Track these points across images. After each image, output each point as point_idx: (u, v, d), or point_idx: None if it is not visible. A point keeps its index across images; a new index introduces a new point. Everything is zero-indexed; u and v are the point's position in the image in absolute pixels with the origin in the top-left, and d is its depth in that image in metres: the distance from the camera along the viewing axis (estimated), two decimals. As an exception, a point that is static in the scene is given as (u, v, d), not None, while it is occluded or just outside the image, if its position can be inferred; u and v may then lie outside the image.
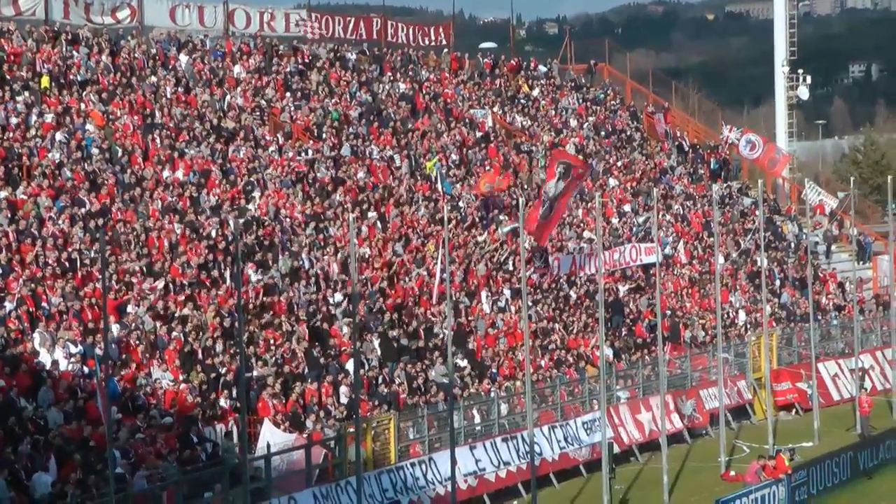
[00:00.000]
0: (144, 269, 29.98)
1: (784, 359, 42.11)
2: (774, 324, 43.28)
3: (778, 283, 47.96)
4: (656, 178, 51.65)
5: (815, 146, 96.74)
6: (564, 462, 32.83)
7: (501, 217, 42.14)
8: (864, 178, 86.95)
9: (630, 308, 41.18)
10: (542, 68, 57.07)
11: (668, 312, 41.23)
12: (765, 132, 65.05)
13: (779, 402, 40.39)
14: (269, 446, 25.94)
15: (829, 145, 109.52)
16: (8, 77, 35.22)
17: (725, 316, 42.40)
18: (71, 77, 37.07)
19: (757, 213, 44.39)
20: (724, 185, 54.46)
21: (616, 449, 33.04)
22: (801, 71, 61.33)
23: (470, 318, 35.83)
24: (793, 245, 51.87)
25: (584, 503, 30.78)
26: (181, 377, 27.29)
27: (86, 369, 25.81)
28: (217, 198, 34.97)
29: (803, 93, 61.22)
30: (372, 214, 38.34)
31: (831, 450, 33.06)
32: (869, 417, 37.11)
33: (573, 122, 53.37)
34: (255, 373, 28.46)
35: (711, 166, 55.99)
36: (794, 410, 41.11)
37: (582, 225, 44.78)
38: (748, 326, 43.42)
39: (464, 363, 33.52)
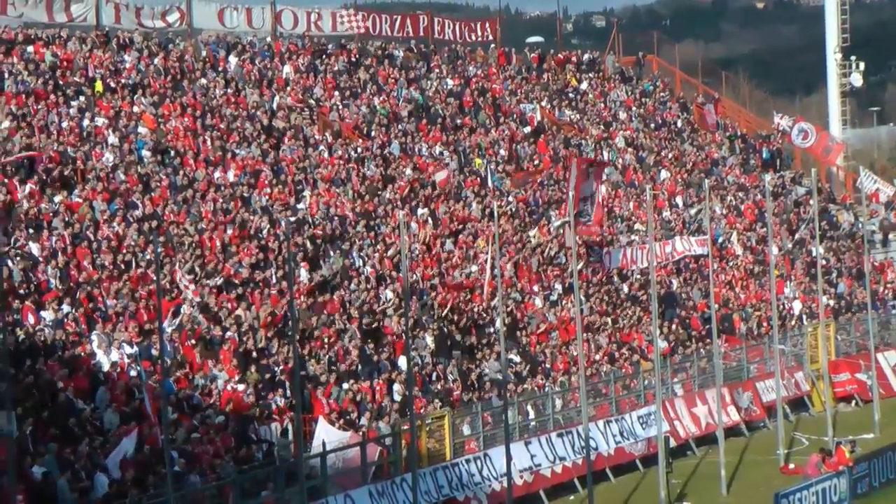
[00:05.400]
0: (198, 269, 30.20)
1: (842, 349, 41.65)
2: (832, 314, 42.82)
3: (834, 273, 47.47)
4: (707, 170, 51.28)
5: (870, 133, 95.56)
6: (620, 457, 32.66)
7: (551, 212, 42.00)
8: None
9: (683, 301, 40.90)
10: (587, 56, 56.66)
11: (724, 304, 40.92)
12: (818, 121, 64.35)
13: (838, 393, 39.94)
14: (324, 444, 26.00)
15: (884, 132, 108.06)
16: (61, 82, 35.58)
17: (781, 307, 42.01)
18: (122, 81, 37.39)
19: (811, 202, 43.92)
20: (777, 174, 53.95)
21: (672, 443, 32.78)
22: (853, 58, 60.64)
23: (522, 314, 35.74)
24: (848, 234, 51.30)
25: (641, 498, 30.58)
26: (237, 377, 27.43)
27: (140, 370, 25.97)
28: (268, 198, 35.12)
29: (856, 80, 60.56)
30: (422, 211, 38.37)
31: (893, 441, 32.59)
32: (931, 407, 36.68)
33: (622, 115, 53.10)
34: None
35: (763, 156, 55.51)
36: (853, 402, 40.63)
37: (633, 217, 44.55)
38: (804, 317, 43.00)
39: (517, 359, 33.45)
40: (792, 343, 40.19)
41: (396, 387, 29.57)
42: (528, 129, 47.75)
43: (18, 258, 27.17)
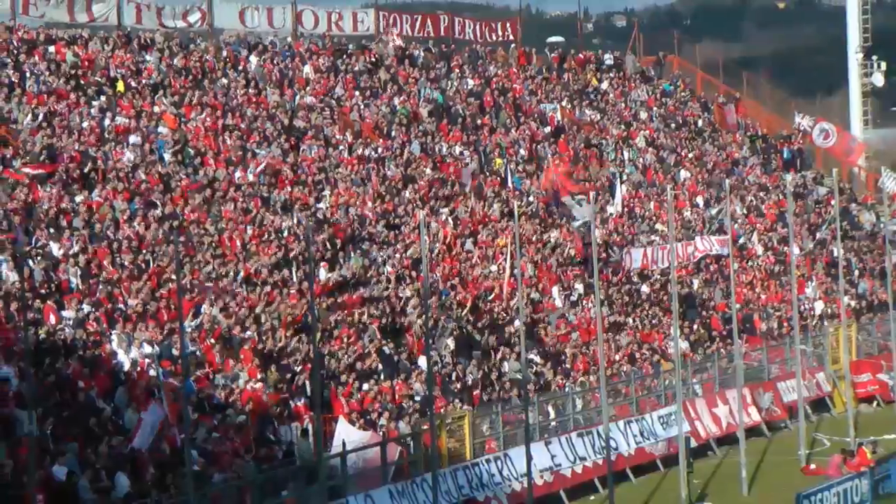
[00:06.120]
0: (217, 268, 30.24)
1: (864, 350, 41.43)
2: (853, 314, 42.62)
3: (856, 273, 47.24)
4: (728, 169, 51.13)
5: (892, 133, 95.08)
6: (641, 457, 32.56)
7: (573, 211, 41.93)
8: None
9: (704, 300, 40.76)
10: (609, 59, 56.51)
11: (745, 304, 40.77)
12: (839, 121, 64.06)
13: (859, 394, 39.72)
14: (344, 444, 25.99)
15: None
16: (83, 82, 35.68)
17: (802, 307, 41.82)
18: (143, 81, 37.48)
19: (832, 202, 43.73)
20: (798, 174, 53.74)
21: (693, 443, 32.67)
22: (875, 58, 60.39)
23: (542, 314, 35.67)
24: (870, 234, 51.04)
25: (662, 498, 30.48)
26: (257, 376, 27.43)
27: (160, 369, 26.01)
28: (288, 197, 35.14)
29: (878, 80, 60.28)
30: (442, 211, 38.34)
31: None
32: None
33: (643, 115, 52.97)
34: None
35: (784, 156, 55.31)
36: (875, 402, 40.43)
37: (654, 218, 44.42)
38: (825, 318, 42.81)
39: (537, 358, 33.39)
40: (813, 343, 40.02)
41: (416, 386, 29.54)
42: (548, 129, 47.68)
43: (39, 258, 27.27)
